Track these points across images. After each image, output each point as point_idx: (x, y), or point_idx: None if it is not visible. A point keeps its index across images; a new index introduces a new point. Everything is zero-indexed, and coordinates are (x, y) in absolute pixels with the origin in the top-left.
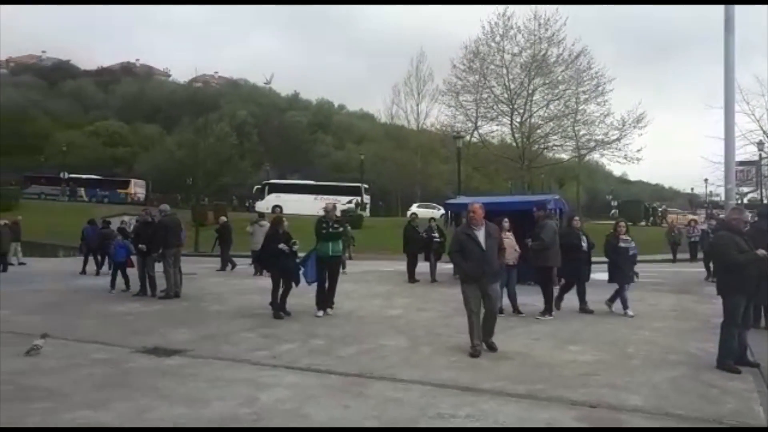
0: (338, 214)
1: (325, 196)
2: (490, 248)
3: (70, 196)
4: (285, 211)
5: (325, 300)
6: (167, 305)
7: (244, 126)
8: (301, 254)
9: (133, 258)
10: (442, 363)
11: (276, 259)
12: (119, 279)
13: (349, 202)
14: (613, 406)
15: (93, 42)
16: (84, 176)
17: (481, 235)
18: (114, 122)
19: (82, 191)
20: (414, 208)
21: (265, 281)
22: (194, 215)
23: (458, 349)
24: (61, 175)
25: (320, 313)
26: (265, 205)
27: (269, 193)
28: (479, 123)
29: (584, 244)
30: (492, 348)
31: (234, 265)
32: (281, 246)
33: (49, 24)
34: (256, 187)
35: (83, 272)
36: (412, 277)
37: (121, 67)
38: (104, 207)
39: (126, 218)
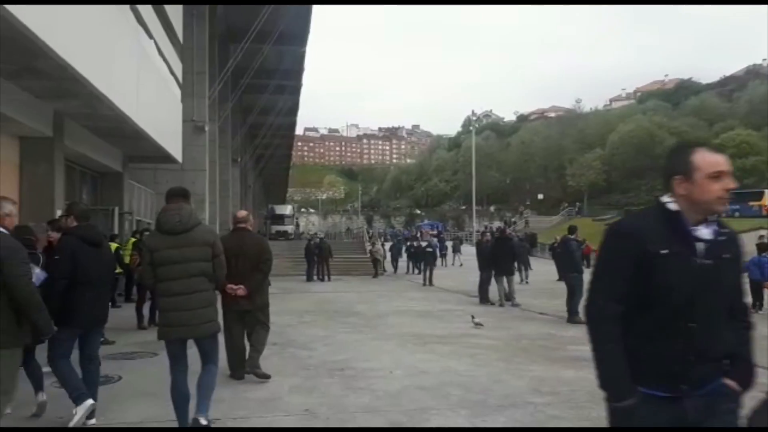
0: None
1: None
2: None
3: None
4: None
5: None
6: None
7: None
8: None
9: None
10: None
11: None
12: None
13: None
14: None
15: (712, 53)
16: None
17: None
18: (741, 131)
19: None
20: None
21: None
22: None
23: None
24: None
25: None
26: None
27: None
28: None
29: None
30: None
31: None
32: None
33: (669, 47)
34: None
35: None
36: None
37: (746, 71)
38: (734, 221)
39: (763, 232)
